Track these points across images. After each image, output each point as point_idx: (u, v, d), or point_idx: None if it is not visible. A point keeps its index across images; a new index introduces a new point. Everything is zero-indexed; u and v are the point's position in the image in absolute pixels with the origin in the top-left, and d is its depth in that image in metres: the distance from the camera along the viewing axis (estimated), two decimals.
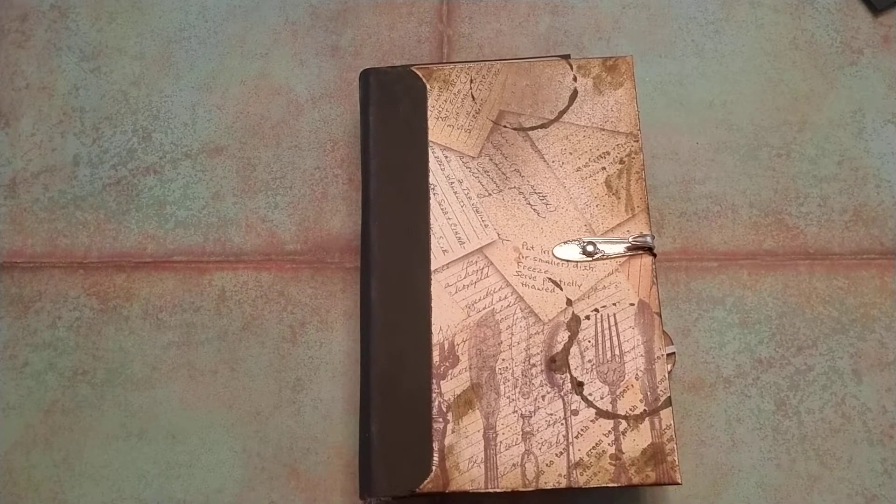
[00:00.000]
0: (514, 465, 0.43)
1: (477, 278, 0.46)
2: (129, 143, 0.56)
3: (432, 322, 0.45)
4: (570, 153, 0.48)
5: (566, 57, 0.51)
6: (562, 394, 0.44)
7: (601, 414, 0.43)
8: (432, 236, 0.47)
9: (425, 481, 0.42)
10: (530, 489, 0.42)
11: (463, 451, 0.43)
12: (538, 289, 0.46)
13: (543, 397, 0.44)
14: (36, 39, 0.59)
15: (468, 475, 0.43)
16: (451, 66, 0.50)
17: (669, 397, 0.43)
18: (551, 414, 0.43)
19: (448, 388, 0.44)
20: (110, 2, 0.60)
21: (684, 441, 0.50)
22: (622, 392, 0.44)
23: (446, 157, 0.48)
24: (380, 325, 0.45)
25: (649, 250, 0.46)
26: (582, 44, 0.58)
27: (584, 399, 0.44)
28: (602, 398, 0.44)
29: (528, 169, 0.48)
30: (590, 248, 0.46)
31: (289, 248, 0.54)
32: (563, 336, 0.45)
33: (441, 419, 0.44)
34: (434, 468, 0.43)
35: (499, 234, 0.47)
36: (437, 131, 0.49)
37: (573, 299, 0.45)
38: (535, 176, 0.48)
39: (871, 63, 0.57)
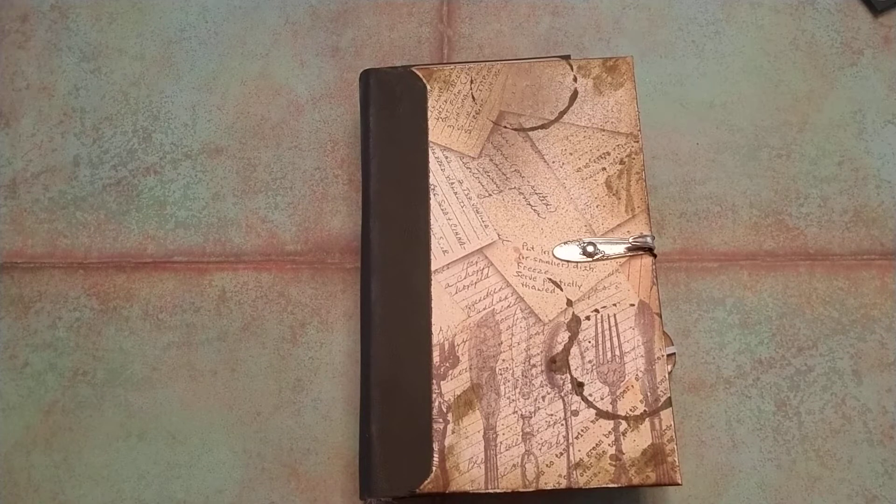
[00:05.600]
0: (514, 465, 0.43)
1: (477, 279, 0.46)
2: (130, 143, 0.56)
3: (432, 322, 0.45)
4: (571, 154, 0.48)
5: (566, 57, 0.51)
6: (562, 394, 0.44)
7: (601, 414, 0.43)
8: (432, 236, 0.47)
9: (425, 482, 0.42)
10: (530, 490, 0.42)
11: (463, 452, 0.43)
12: (538, 289, 0.46)
13: (543, 398, 0.44)
14: (36, 40, 0.59)
15: (468, 475, 0.43)
16: (452, 66, 0.50)
17: (670, 398, 0.43)
18: (551, 414, 0.43)
19: (448, 388, 0.44)
20: (110, 2, 0.60)
21: (684, 441, 0.50)
22: (622, 393, 0.44)
23: (446, 157, 0.48)
24: (380, 326, 0.45)
25: (649, 251, 0.46)
26: (582, 44, 0.58)
27: (585, 400, 0.44)
28: (602, 399, 0.43)
29: (529, 169, 0.48)
30: (590, 249, 0.46)
31: (289, 249, 0.54)
32: (564, 336, 0.45)
33: (441, 419, 0.43)
34: (434, 468, 0.43)
35: (499, 235, 0.47)
36: (437, 132, 0.49)
37: (573, 300, 0.45)
38: (536, 176, 0.48)
39: (872, 63, 0.57)
